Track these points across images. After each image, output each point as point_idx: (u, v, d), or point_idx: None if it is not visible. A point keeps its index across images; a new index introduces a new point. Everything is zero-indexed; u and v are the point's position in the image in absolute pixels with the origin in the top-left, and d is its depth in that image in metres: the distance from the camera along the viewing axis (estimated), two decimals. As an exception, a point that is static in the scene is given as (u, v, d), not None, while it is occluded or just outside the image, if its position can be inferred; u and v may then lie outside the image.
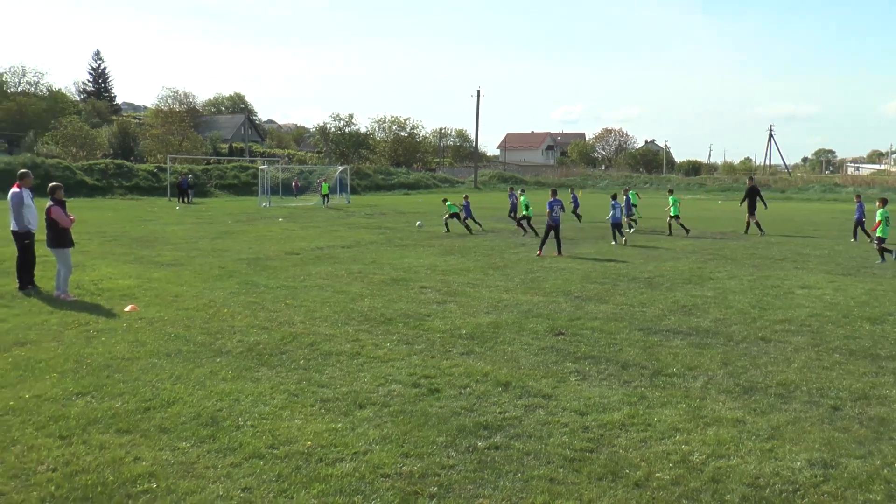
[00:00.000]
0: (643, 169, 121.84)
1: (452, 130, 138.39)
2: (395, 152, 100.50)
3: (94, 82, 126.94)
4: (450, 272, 17.89)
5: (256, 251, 21.96)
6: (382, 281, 16.46)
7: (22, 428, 7.43)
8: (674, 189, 31.65)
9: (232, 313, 12.76)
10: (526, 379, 9.06)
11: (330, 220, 35.14)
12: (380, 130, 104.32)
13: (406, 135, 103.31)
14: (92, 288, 15.27)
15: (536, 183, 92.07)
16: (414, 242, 24.87)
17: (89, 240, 24.63)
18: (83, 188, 56.20)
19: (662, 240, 26.05)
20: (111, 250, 21.87)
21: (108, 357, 9.91)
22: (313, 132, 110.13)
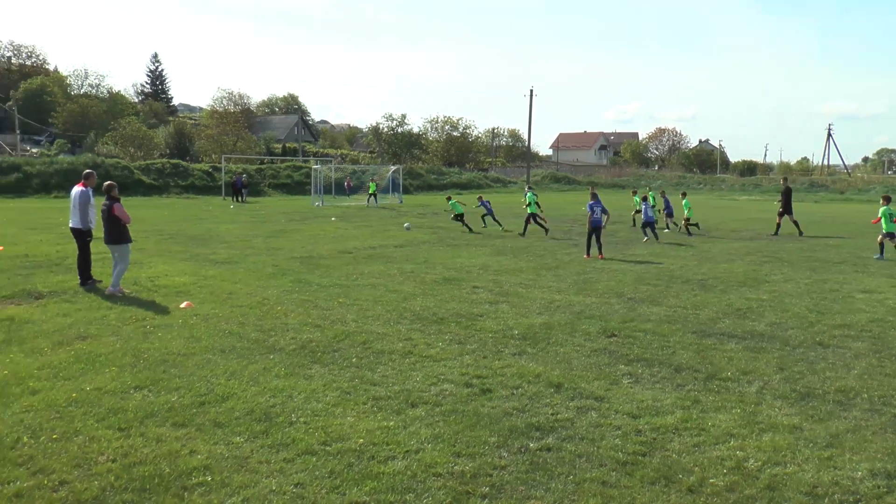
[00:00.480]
0: (697, 169, 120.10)
1: (505, 130, 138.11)
2: (448, 152, 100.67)
3: (151, 84, 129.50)
4: (502, 272, 17.87)
5: (309, 250, 22.17)
6: (435, 280, 16.51)
7: (84, 419, 7.62)
8: (687, 192, 32.38)
9: (285, 311, 12.91)
10: (578, 381, 9.02)
11: (382, 220, 35.33)
12: (432, 130, 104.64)
13: (458, 135, 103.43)
14: (149, 284, 15.58)
15: (589, 183, 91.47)
16: (466, 242, 24.89)
17: (146, 238, 25.11)
18: (140, 187, 57.31)
19: (716, 241, 25.69)
20: (167, 248, 22.27)
21: (164, 352, 10.11)
22: (366, 132, 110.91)
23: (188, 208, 43.69)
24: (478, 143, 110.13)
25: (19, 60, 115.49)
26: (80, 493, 6.05)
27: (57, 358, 9.80)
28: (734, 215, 42.21)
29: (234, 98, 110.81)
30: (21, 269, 17.34)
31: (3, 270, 17.15)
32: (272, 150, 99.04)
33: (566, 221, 35.22)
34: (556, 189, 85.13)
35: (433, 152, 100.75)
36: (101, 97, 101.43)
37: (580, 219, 35.38)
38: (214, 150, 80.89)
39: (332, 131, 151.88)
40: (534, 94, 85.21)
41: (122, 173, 57.51)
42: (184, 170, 62.88)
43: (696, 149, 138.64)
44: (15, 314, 12.47)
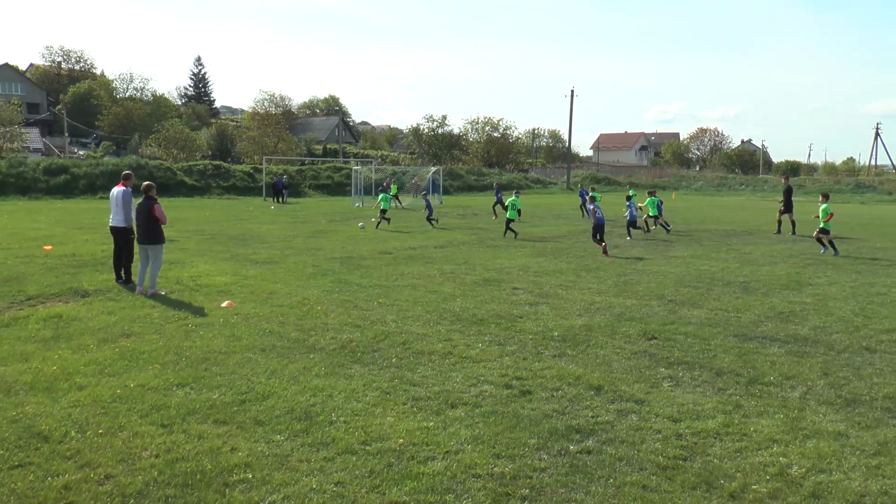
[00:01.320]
0: (738, 170, 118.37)
1: (545, 131, 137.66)
2: (488, 153, 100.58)
3: (194, 87, 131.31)
4: (542, 273, 17.81)
5: (349, 250, 22.29)
6: (474, 281, 16.51)
7: (128, 415, 7.75)
8: (656, 190, 33.00)
9: (325, 311, 12.99)
10: (618, 383, 8.96)
11: (422, 221, 35.40)
12: (473, 131, 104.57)
13: (499, 135, 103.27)
14: (190, 284, 15.77)
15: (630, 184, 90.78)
16: (506, 244, 24.84)
17: (188, 238, 25.43)
18: (183, 188, 58.02)
19: (758, 244, 25.35)
20: (209, 248, 22.53)
21: (205, 350, 10.23)
22: (406, 133, 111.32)
23: (229, 209, 44.17)
24: (518, 143, 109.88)
25: (68, 65, 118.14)
26: (125, 487, 6.16)
27: (102, 355, 9.97)
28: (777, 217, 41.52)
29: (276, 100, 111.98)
30: (68, 268, 17.66)
31: (51, 269, 17.48)
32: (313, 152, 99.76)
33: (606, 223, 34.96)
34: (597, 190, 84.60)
35: (473, 153, 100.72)
36: (146, 100, 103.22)
37: (621, 221, 35.08)
38: (255, 151, 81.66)
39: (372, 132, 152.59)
40: (575, 95, 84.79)
41: (165, 174, 58.31)
42: (225, 171, 63.55)
43: (738, 149, 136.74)
44: (63, 312, 12.71)
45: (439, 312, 12.99)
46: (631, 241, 26.65)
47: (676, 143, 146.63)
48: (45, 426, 7.45)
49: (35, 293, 14.45)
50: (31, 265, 18.10)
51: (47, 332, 11.36)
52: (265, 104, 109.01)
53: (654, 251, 22.86)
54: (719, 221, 36.70)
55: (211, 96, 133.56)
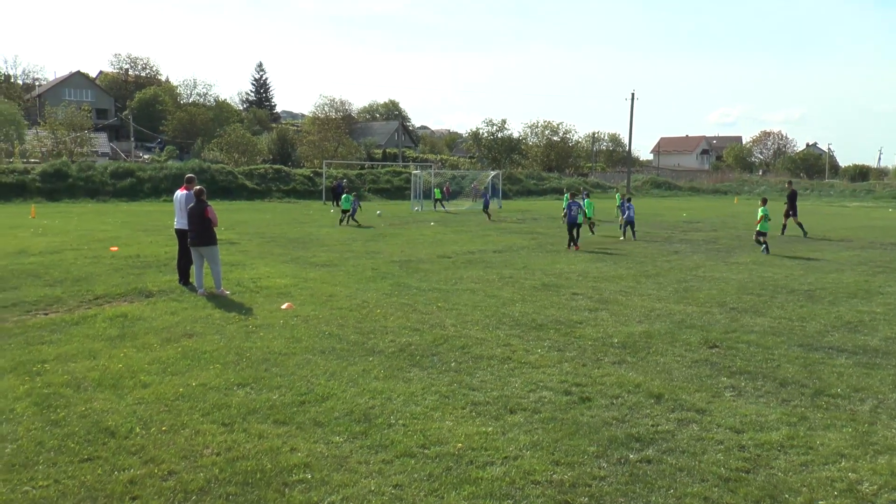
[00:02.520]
0: (803, 174, 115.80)
1: (605, 135, 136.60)
2: (548, 157, 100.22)
3: (256, 92, 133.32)
4: (601, 279, 17.68)
5: (408, 254, 22.40)
6: (533, 286, 16.46)
7: (190, 413, 7.89)
8: (590, 192, 36.76)
9: (384, 314, 13.07)
10: (679, 392, 8.84)
11: (481, 225, 35.40)
12: (532, 135, 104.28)
13: (558, 139, 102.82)
14: (251, 286, 16.00)
15: (691, 188, 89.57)
16: (566, 248, 24.70)
17: (249, 240, 25.81)
18: (244, 191, 58.92)
19: (824, 250, 24.78)
20: (269, 250, 22.83)
21: (266, 351, 10.36)
22: (466, 137, 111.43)
23: (289, 212, 44.71)
24: (578, 147, 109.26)
25: (135, 72, 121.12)
26: (187, 483, 6.27)
27: (165, 354, 10.18)
28: (844, 223, 40.62)
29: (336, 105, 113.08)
30: (133, 269, 18.07)
31: (117, 270, 17.91)
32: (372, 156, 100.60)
33: (666, 228, 34.59)
34: (657, 195, 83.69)
35: (533, 157, 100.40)
36: (208, 105, 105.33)
37: (681, 226, 34.74)
38: (315, 155, 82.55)
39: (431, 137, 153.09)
40: (635, 98, 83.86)
41: (227, 178, 59.30)
42: (285, 175, 64.36)
43: (804, 153, 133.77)
44: (128, 311, 13.01)
45: (498, 317, 12.98)
46: (623, 240, 27.17)
47: (739, 147, 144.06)
48: (112, 422, 7.63)
49: (102, 293, 14.82)
50: (99, 265, 18.56)
51: (113, 330, 11.63)
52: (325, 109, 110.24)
53: (715, 257, 22.51)
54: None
55: (272, 101, 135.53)
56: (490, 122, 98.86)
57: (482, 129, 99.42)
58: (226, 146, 77.34)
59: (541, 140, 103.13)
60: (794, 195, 32.58)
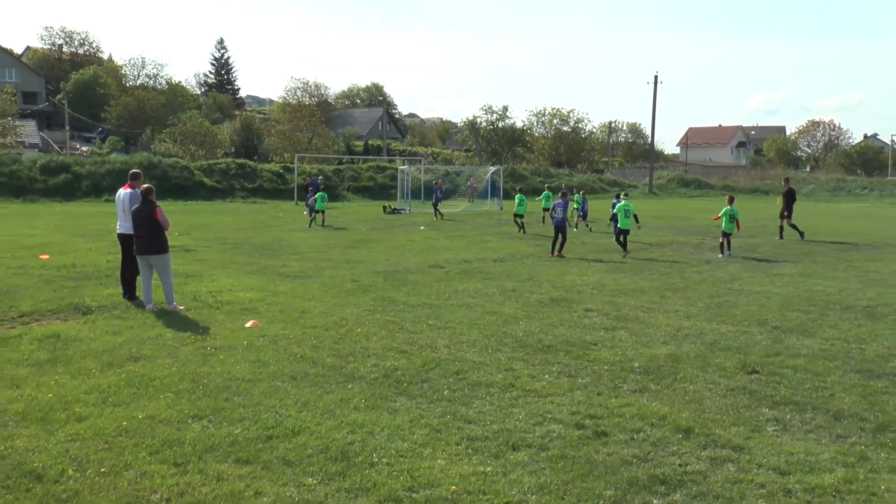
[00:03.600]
0: (860, 170, 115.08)
1: (623, 124, 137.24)
2: (556, 150, 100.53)
3: (216, 74, 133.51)
4: (620, 293, 17.68)
5: (395, 263, 22.39)
6: (540, 301, 16.45)
7: (135, 451, 7.82)
8: (524, 188, 42.44)
9: (366, 333, 13.03)
10: (711, 425, 8.81)
11: (479, 229, 35.43)
12: (538, 125, 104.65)
13: (569, 130, 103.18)
14: (210, 300, 15.94)
15: (724, 187, 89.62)
16: (578, 256, 24.73)
17: (208, 247, 25.76)
18: (202, 190, 58.91)
19: (886, 260, 24.82)
20: (231, 259, 22.79)
21: (226, 377, 10.31)
22: (461, 127, 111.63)
23: (255, 214, 44.69)
24: (592, 139, 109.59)
25: (70, 49, 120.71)
26: (131, 537, 6.21)
27: (106, 381, 10.11)
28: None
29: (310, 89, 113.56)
30: (68, 281, 17.99)
31: (49, 282, 17.82)
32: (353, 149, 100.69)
33: (695, 233, 34.64)
34: (685, 194, 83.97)
35: (539, 150, 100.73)
36: (160, 89, 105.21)
37: (713, 231, 34.74)
38: (286, 148, 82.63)
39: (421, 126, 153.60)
40: (659, 82, 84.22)
41: (182, 174, 59.33)
42: (251, 170, 64.40)
43: (860, 146, 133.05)
44: (61, 331, 12.93)
45: (499, 337, 12.95)
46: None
47: (782, 139, 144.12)
48: (39, 463, 7.55)
49: (30, 309, 14.72)
50: (26, 277, 18.48)
51: (43, 354, 11.55)
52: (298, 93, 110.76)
53: (755, 268, 22.55)
54: (836, 232, 36.03)
55: (235, 85, 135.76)
56: (489, 109, 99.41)
57: (480, 118, 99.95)
58: (180, 137, 77.32)
59: (548, 130, 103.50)
60: (791, 194, 33.43)
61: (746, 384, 10.45)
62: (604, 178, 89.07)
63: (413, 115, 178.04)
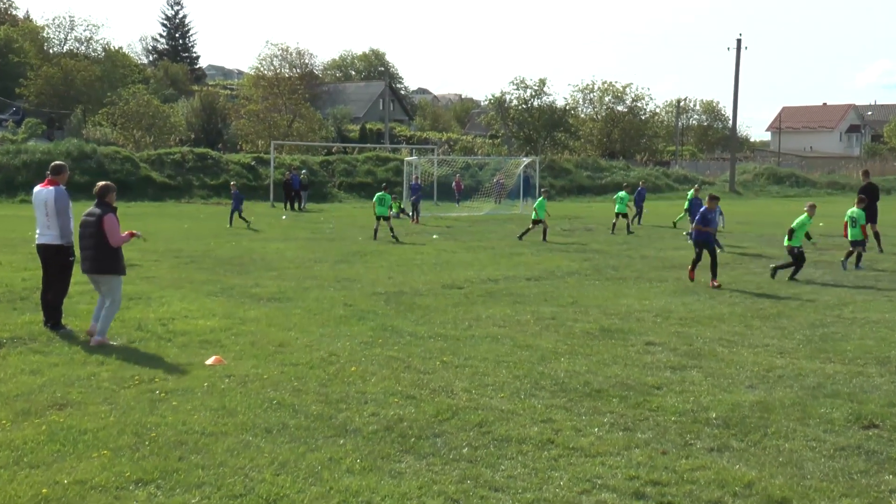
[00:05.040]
0: None
1: (696, 103, 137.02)
2: (609, 137, 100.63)
3: (168, 38, 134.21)
4: (691, 321, 17.64)
5: (399, 282, 22.43)
6: (587, 332, 16.42)
7: (60, 529, 7.81)
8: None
9: (362, 373, 13.02)
10: (815, 496, 8.75)
11: (509, 239, 35.41)
12: (585, 103, 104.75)
13: (625, 110, 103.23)
14: (159, 330, 15.96)
15: (830, 184, 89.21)
16: (636, 274, 24.68)
17: (157, 262, 25.83)
18: (149, 187, 59.12)
19: None
20: (188, 276, 22.86)
21: (180, 430, 10.29)
22: (485, 107, 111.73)
23: (219, 219, 44.78)
24: (654, 122, 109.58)
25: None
26: None
27: (21, 435, 10.08)
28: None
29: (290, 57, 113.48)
30: (-22, 305, 18.07)
31: (-47, 305, 17.90)
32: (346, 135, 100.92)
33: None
34: (777, 193, 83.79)
35: (586, 136, 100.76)
36: (93, 57, 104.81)
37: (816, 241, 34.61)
38: (260, 133, 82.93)
39: (434, 106, 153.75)
40: (742, 47, 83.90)
41: (123, 167, 59.58)
42: (214, 163, 64.66)
43: None
44: (-34, 370, 12.97)
45: (533, 379, 12.91)
46: None
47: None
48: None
49: (-74, 342, 14.79)
50: (-73, 299, 18.56)
51: (-54, 399, 11.58)
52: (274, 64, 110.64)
53: (872, 289, 22.43)
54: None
55: (193, 52, 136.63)
56: (521, 83, 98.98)
57: (510, 95, 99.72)
58: (121, 119, 77.50)
59: (598, 111, 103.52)
60: (872, 191, 32.25)
61: (862, 442, 10.38)
62: (670, 171, 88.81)
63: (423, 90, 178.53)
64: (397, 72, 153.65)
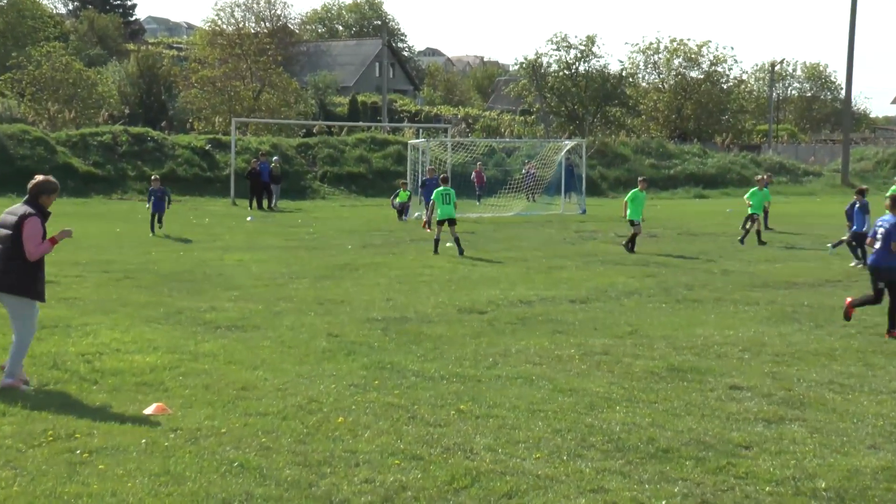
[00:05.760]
0: None
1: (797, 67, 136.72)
2: (679, 113, 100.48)
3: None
4: (791, 357, 17.61)
5: (401, 305, 22.46)
6: (652, 371, 16.40)
7: None
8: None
9: (352, 426, 12.98)
10: None
11: (546, 247, 35.39)
12: (648, 68, 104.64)
13: (701, 76, 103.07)
14: (82, 368, 15.92)
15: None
16: (716, 295, 24.62)
17: (79, 277, 25.82)
18: (70, 178, 58.96)
19: None
20: (120, 297, 22.88)
21: (109, 503, 10.27)
22: (515, 72, 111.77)
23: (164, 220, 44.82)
24: (739, 93, 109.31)
25: None
26: None
27: None
28: None
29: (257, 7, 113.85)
30: None
31: None
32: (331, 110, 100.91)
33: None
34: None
35: (649, 112, 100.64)
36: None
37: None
38: (217, 108, 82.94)
39: (448, 71, 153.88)
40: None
41: (34, 151, 59.64)
42: (156, 146, 64.72)
43: None
44: None
45: (580, 433, 12.88)
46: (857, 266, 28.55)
47: None
48: None
49: None
50: None
51: None
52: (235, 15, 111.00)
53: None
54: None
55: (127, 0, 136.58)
56: (562, 41, 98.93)
57: (548, 57, 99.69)
58: (31, 88, 77.48)
59: (665, 78, 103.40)
60: None
61: None
62: (759, 158, 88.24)
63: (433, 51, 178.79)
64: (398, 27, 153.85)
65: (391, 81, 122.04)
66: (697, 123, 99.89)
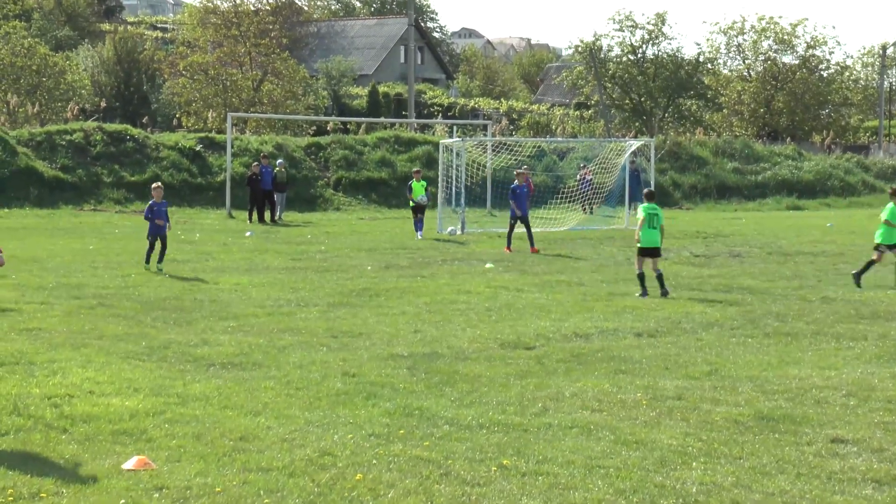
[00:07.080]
0: None
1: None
2: (768, 106, 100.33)
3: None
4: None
5: (432, 339, 22.48)
6: (735, 420, 16.38)
7: None
8: None
9: (373, 484, 13.00)
10: None
11: (606, 268, 35.38)
12: (730, 52, 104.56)
13: (795, 62, 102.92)
14: (48, 414, 15.97)
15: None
16: (814, 328, 24.54)
17: (44, 304, 25.88)
18: (32, 185, 59.31)
19: None
20: (95, 328, 22.92)
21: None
22: (568, 59, 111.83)
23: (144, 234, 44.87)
24: (843, 81, 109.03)
25: None
26: None
27: None
28: None
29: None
30: None
31: None
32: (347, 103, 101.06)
33: None
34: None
35: (731, 105, 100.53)
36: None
37: None
38: (209, 100, 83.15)
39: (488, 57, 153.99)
40: None
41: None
42: (138, 146, 64.91)
43: None
44: None
45: (647, 495, 12.87)
46: None
47: None
48: None
49: None
50: None
51: None
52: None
53: None
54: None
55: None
56: (627, 20, 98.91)
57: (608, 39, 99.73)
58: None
59: (752, 64, 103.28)
60: None
61: None
62: (866, 162, 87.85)
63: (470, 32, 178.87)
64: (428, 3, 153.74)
65: (419, 69, 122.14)
66: (791, 119, 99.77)
